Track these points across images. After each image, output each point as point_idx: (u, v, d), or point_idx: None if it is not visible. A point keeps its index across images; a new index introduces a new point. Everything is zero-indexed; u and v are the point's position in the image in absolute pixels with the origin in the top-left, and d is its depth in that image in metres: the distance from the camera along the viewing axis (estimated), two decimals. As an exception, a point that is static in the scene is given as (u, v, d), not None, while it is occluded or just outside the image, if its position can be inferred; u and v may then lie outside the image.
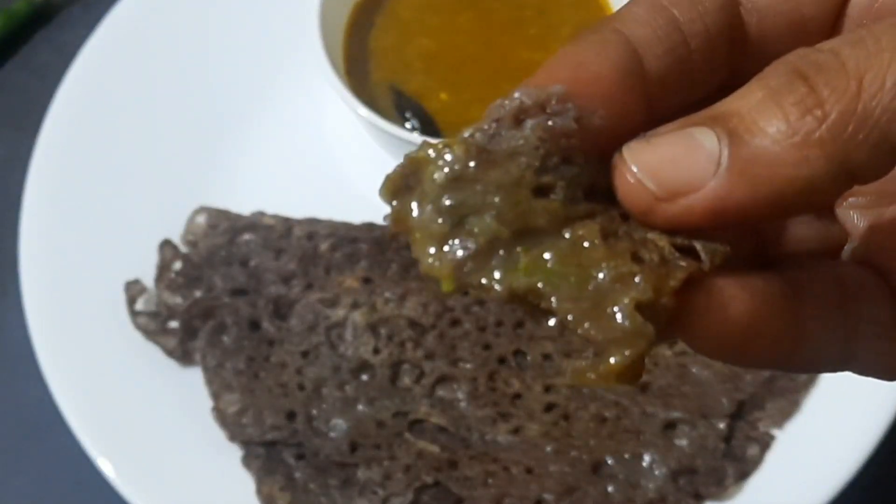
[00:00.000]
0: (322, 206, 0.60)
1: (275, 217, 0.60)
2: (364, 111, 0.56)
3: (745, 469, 0.53)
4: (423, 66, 0.62)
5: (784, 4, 0.25)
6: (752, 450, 0.53)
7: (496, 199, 0.22)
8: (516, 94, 0.23)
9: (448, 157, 0.22)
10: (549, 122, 0.22)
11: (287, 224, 0.60)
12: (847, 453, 0.52)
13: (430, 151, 0.22)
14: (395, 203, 0.22)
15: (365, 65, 0.62)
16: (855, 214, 0.27)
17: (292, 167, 0.63)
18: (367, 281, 0.58)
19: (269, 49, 0.66)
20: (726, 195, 0.21)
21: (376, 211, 0.27)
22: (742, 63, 0.25)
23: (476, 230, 0.22)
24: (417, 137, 0.56)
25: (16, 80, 0.72)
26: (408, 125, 0.60)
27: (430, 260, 0.22)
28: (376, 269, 0.58)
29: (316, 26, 0.58)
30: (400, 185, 0.22)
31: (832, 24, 0.25)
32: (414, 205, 0.22)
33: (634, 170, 0.22)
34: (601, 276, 0.21)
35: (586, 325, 0.21)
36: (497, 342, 0.56)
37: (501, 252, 0.22)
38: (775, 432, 0.54)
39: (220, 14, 0.67)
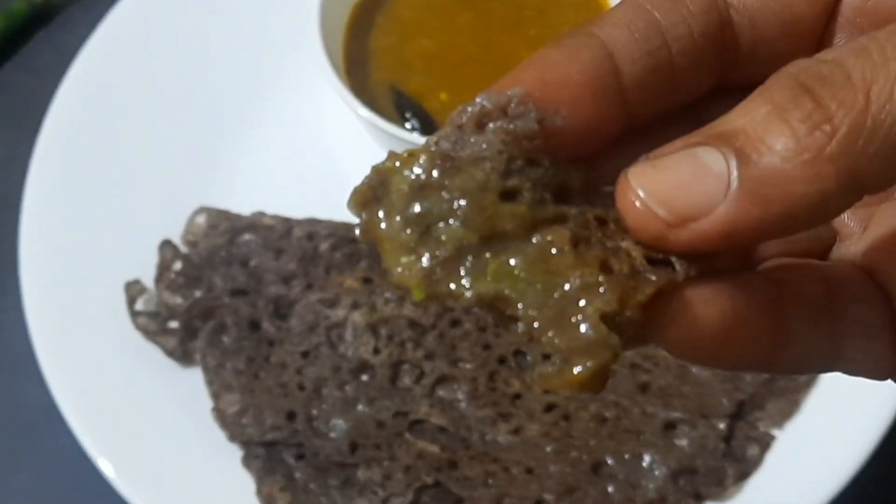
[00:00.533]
0: (322, 206, 0.60)
1: (275, 217, 0.60)
2: (364, 111, 0.56)
3: (745, 469, 0.53)
4: (423, 66, 0.62)
5: (775, 4, 0.24)
6: (752, 450, 0.53)
7: (462, 205, 0.22)
8: (478, 99, 0.23)
9: (413, 166, 0.22)
10: (511, 126, 0.22)
11: (287, 224, 0.60)
12: (847, 453, 0.52)
13: (396, 161, 0.22)
14: (363, 215, 0.22)
15: (365, 65, 0.62)
16: (845, 214, 0.27)
17: (292, 167, 0.63)
18: (367, 281, 0.58)
19: (269, 49, 0.66)
20: (739, 217, 0.20)
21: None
22: (733, 67, 0.25)
23: (444, 237, 0.22)
24: (417, 137, 0.56)
25: (16, 80, 0.72)
26: (408, 125, 0.60)
27: (400, 269, 0.22)
28: (376, 270, 0.58)
29: (316, 26, 0.58)
30: (368, 197, 0.22)
31: (824, 24, 0.25)
32: (382, 215, 0.22)
33: (642, 195, 0.21)
34: (567, 284, 0.21)
35: (550, 333, 0.21)
36: (497, 342, 0.56)
37: (470, 258, 0.22)
38: (775, 432, 0.54)
39: (220, 14, 0.67)
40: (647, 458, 0.53)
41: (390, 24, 0.63)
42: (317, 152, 0.64)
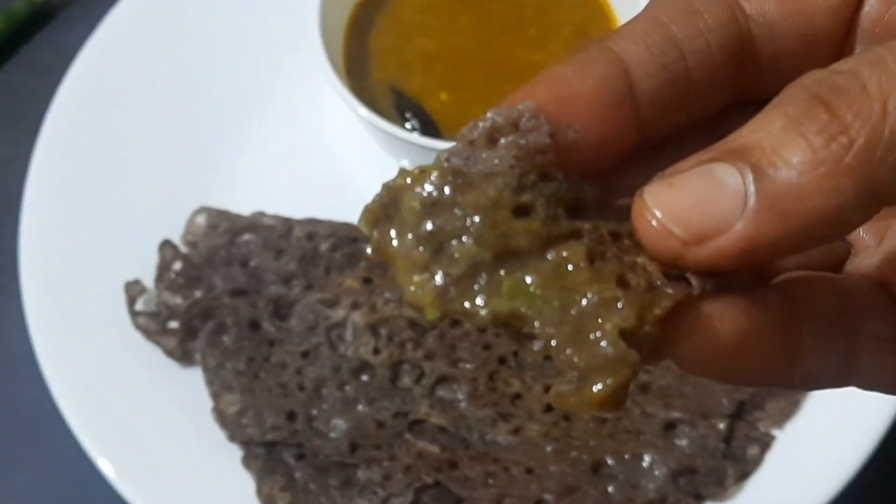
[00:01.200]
0: (322, 206, 0.60)
1: (275, 217, 0.60)
2: (364, 111, 0.56)
3: (745, 469, 0.53)
4: (423, 66, 0.62)
5: (796, 17, 0.24)
6: (752, 450, 0.53)
7: (475, 222, 0.21)
8: (489, 114, 0.22)
9: (424, 182, 0.22)
10: (523, 140, 0.22)
11: (287, 224, 0.60)
12: (847, 453, 0.52)
13: (407, 178, 0.22)
14: (375, 233, 0.22)
15: (365, 65, 0.62)
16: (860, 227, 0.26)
17: (292, 167, 0.63)
18: (367, 281, 0.58)
19: (269, 49, 0.66)
20: (757, 234, 0.20)
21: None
22: (751, 80, 0.25)
23: (457, 255, 0.21)
24: (417, 137, 0.56)
25: (16, 80, 0.72)
26: (408, 125, 0.60)
27: (413, 288, 0.22)
28: (376, 270, 0.58)
29: (316, 26, 0.58)
30: (379, 215, 0.22)
31: (843, 37, 0.24)
32: (393, 233, 0.22)
33: (658, 214, 0.21)
34: (584, 301, 0.21)
35: (569, 351, 0.21)
36: (497, 342, 0.56)
37: (484, 276, 0.21)
38: (775, 432, 0.54)
39: (220, 14, 0.67)
40: (647, 458, 0.53)
41: (390, 24, 0.63)
42: (317, 152, 0.64)
